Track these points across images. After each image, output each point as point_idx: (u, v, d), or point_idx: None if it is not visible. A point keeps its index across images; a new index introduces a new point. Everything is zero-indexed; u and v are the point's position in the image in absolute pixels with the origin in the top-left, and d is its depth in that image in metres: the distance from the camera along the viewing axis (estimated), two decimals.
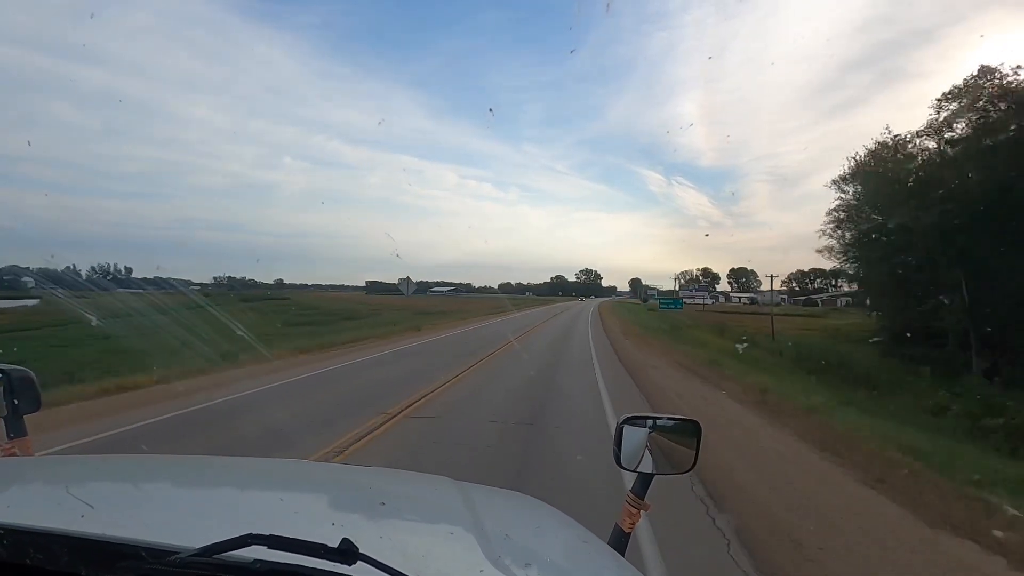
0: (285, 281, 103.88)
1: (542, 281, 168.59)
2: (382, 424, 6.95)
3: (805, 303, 75.59)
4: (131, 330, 14.02)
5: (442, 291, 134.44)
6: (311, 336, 19.29)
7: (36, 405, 1.39)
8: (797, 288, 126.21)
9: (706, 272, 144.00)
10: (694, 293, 73.79)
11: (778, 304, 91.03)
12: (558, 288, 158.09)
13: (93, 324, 13.13)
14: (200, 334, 10.98)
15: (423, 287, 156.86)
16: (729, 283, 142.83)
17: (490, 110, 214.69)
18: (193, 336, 10.92)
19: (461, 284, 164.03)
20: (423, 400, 8.58)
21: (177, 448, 5.81)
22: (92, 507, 0.85)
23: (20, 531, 0.72)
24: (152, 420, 7.06)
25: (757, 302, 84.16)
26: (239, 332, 11.86)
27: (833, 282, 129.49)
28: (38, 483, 1.12)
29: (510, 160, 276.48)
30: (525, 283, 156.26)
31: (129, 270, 43.59)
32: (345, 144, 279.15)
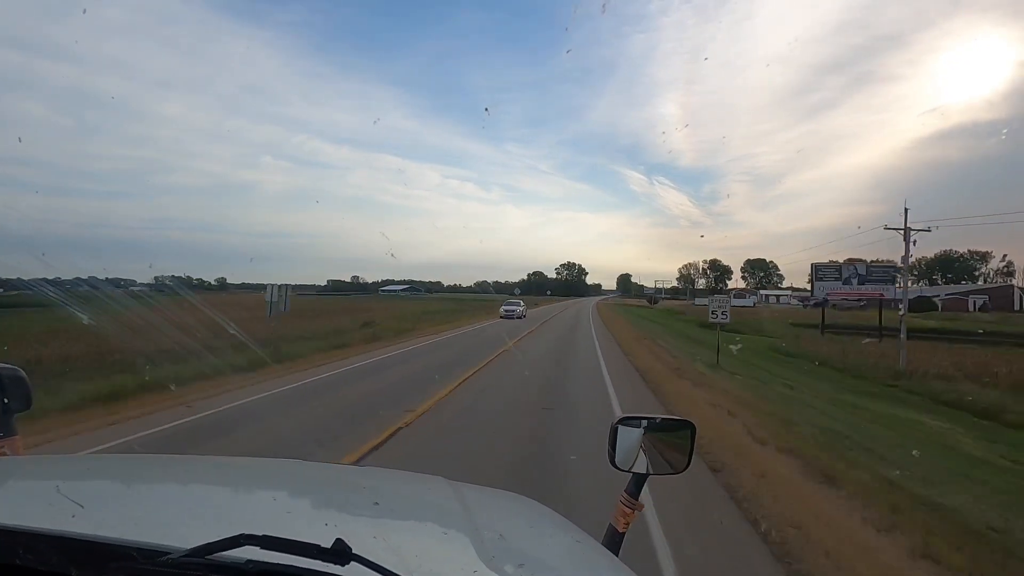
0: (228, 280, 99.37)
1: (519, 279, 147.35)
2: None
3: (917, 305, 45.02)
4: None
5: (395, 290, 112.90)
6: None
7: (27, 404, 1.37)
8: None
9: (715, 264, 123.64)
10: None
11: (860, 306, 67.62)
12: (511, 287, 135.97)
13: None
14: None
15: (376, 286, 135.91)
16: (743, 277, 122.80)
17: (486, 109, 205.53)
18: None
19: (431, 283, 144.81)
20: None
21: None
22: (83, 507, 0.83)
23: (10, 531, 0.71)
24: None
25: (823, 303, 62.63)
26: None
27: None
28: (28, 482, 1.10)
29: (493, 159, 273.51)
30: (503, 281, 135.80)
31: None
32: (325, 143, 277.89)
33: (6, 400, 1.31)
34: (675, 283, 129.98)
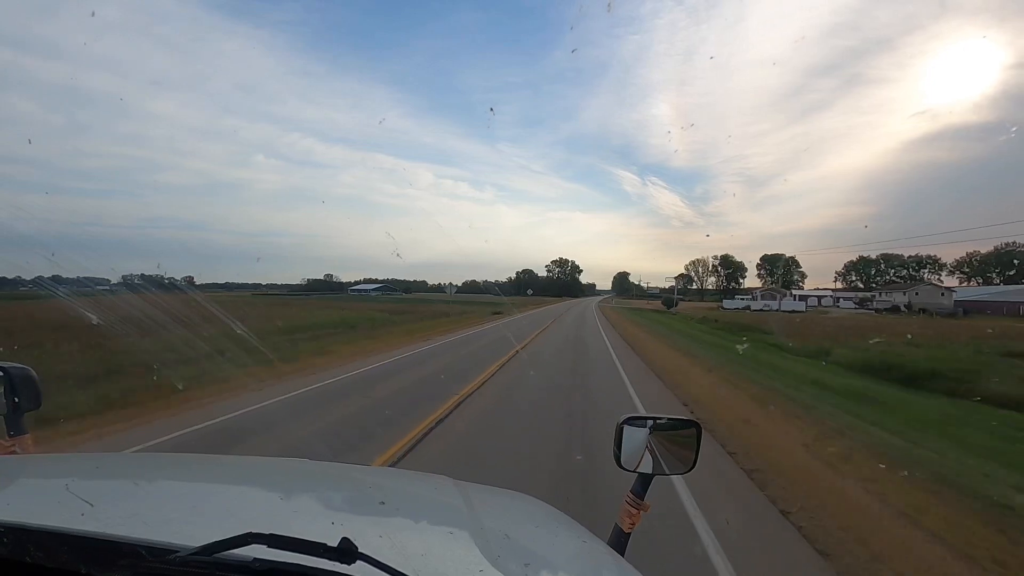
0: (196, 280, 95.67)
1: (507, 278, 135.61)
2: None
3: None
4: None
5: (366, 290, 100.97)
6: None
7: (37, 403, 1.36)
8: (860, 284, 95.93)
9: (726, 261, 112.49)
10: None
11: (960, 313, 45.39)
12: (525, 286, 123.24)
13: None
14: None
15: (345, 285, 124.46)
16: (759, 274, 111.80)
17: (491, 109, 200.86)
18: None
19: (413, 282, 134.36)
20: None
21: None
22: (92, 505, 0.84)
23: (20, 529, 0.71)
24: None
25: (903, 307, 50.65)
26: None
27: (915, 270, 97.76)
28: (39, 481, 1.10)
29: (487, 159, 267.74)
30: (493, 280, 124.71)
31: None
32: (318, 142, 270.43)
33: (17, 399, 1.31)
34: (672, 282, 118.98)
